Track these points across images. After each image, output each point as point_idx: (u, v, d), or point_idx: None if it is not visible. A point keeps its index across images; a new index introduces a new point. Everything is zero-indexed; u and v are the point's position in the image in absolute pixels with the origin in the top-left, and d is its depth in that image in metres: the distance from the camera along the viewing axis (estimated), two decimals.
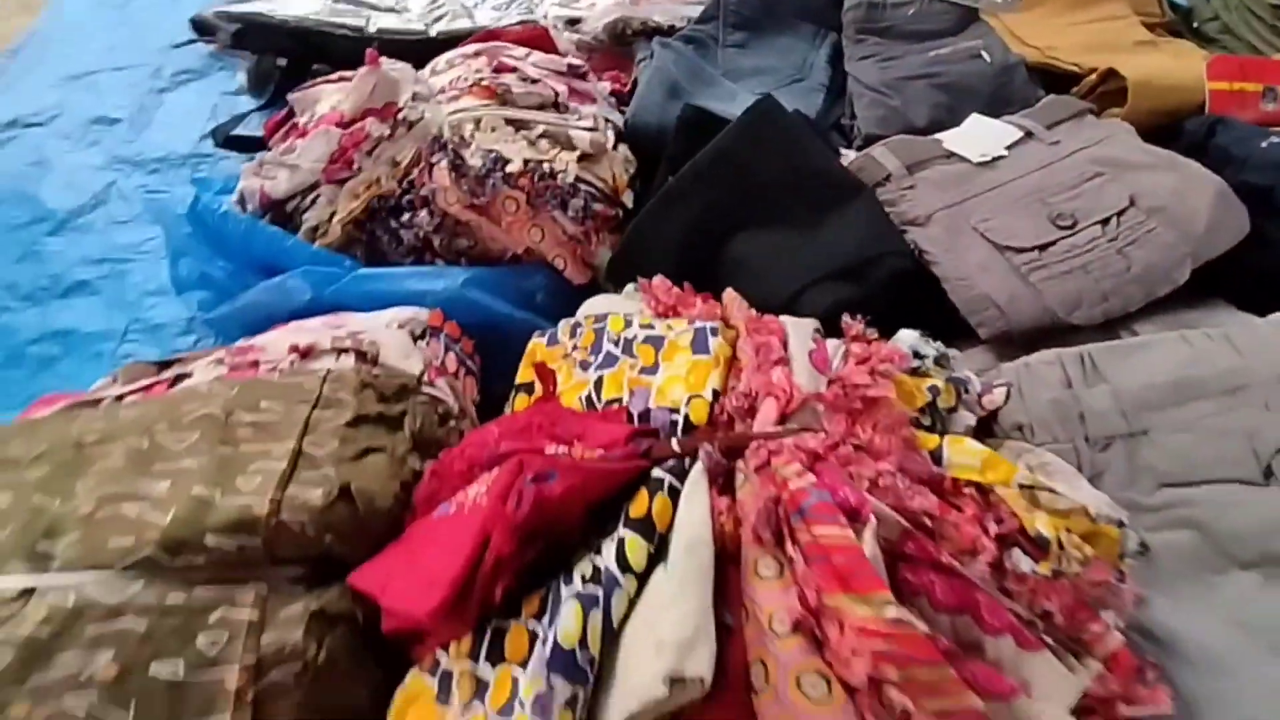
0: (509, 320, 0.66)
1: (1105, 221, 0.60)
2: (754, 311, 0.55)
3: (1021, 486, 0.41)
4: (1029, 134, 0.69)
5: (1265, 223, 0.61)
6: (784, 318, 0.54)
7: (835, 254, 0.60)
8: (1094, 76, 0.78)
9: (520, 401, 0.58)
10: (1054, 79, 0.81)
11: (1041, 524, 0.40)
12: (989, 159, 0.67)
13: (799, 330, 0.53)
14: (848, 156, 0.72)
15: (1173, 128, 0.73)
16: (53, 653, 0.39)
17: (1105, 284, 0.57)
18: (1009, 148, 0.68)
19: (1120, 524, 0.41)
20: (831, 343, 0.54)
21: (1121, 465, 0.51)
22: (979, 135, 0.70)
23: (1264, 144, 0.64)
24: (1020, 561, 0.39)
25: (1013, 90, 0.78)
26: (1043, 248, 0.60)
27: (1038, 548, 0.40)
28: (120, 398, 0.56)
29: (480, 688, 0.42)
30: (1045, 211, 0.62)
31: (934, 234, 0.63)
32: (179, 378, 0.58)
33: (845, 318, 0.55)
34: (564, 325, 0.61)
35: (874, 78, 0.81)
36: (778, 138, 0.66)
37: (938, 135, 0.73)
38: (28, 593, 0.42)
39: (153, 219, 0.70)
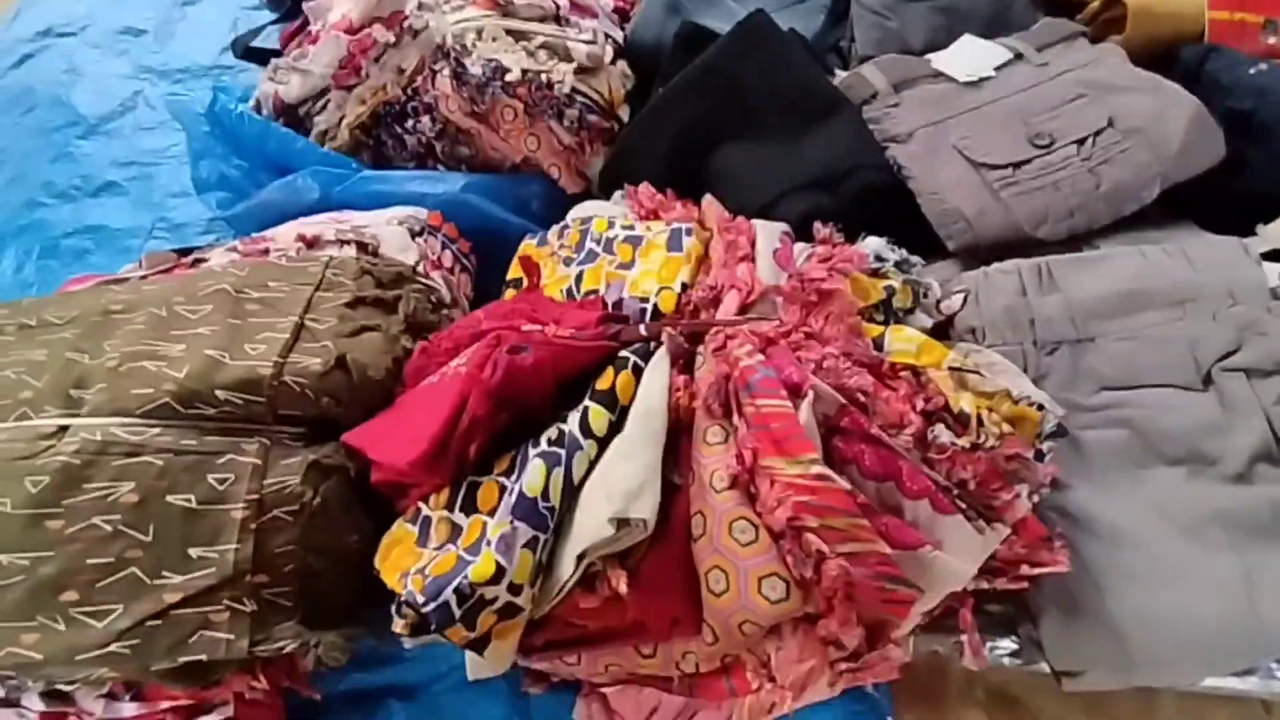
0: (505, 224, 0.70)
1: (1081, 141, 0.62)
2: (726, 214, 0.58)
3: (951, 369, 0.45)
4: (1019, 55, 0.70)
5: (1245, 147, 0.62)
6: (755, 220, 0.57)
7: (812, 165, 0.63)
8: (1096, 3, 0.77)
9: (510, 295, 0.62)
10: (1058, 4, 0.80)
11: (965, 402, 0.43)
12: (975, 79, 0.68)
13: (767, 231, 0.56)
14: (839, 77, 0.73)
15: (1171, 55, 0.73)
16: (83, 479, 0.45)
17: (1073, 200, 0.59)
18: (997, 69, 0.69)
19: (1040, 407, 0.44)
20: (799, 245, 0.57)
21: (1065, 368, 0.53)
22: (968, 56, 0.71)
23: (1252, 70, 0.64)
24: (942, 435, 0.43)
25: (1012, 14, 0.77)
26: (1017, 165, 0.61)
27: (960, 424, 0.43)
28: (144, 278, 0.62)
29: (454, 532, 0.47)
30: (1025, 131, 0.63)
31: (913, 150, 0.65)
32: (197, 262, 0.63)
33: (816, 224, 0.58)
34: (554, 228, 0.64)
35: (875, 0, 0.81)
36: (766, 53, 0.67)
37: (928, 55, 0.74)
38: (62, 430, 0.47)
39: (174, 118, 0.74)
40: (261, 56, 0.92)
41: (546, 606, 0.46)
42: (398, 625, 0.47)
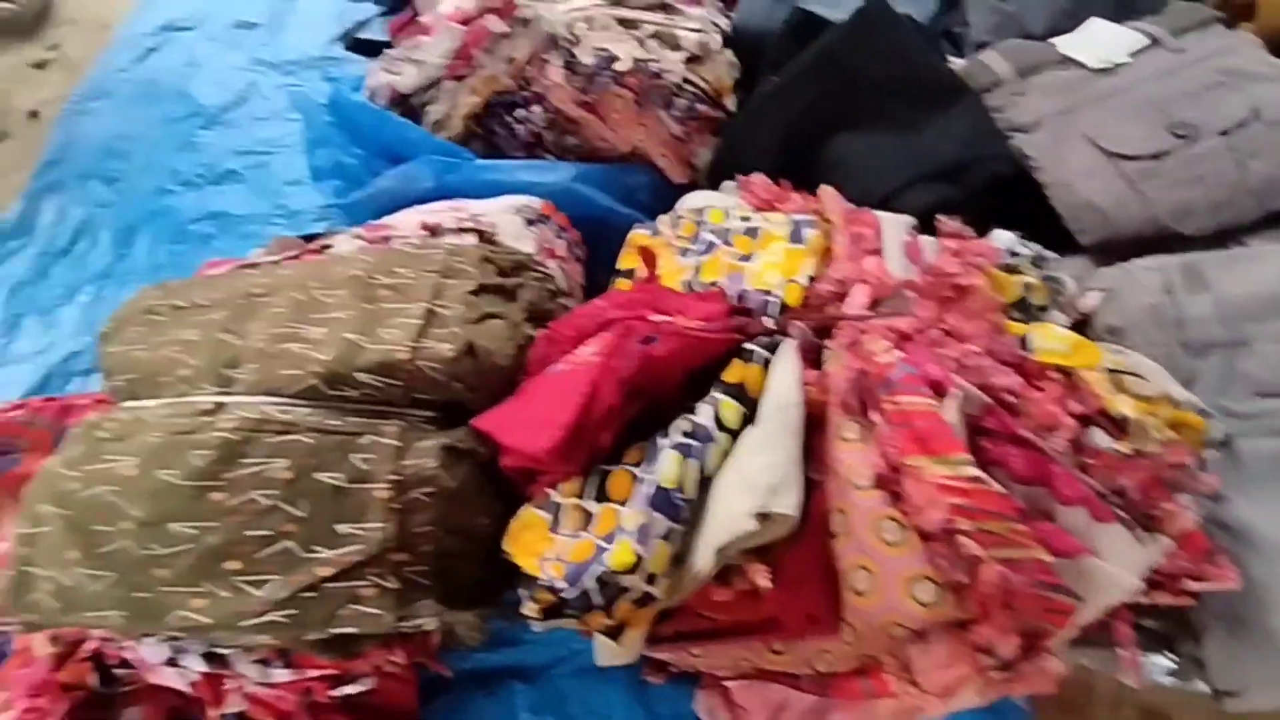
0: (612, 214, 0.70)
1: (1225, 132, 0.58)
2: (850, 206, 0.57)
3: (1108, 371, 0.43)
4: (1154, 41, 0.66)
5: None
6: (879, 213, 0.56)
7: (934, 155, 0.61)
8: None
9: (622, 285, 0.62)
10: None
11: (1123, 406, 0.42)
12: (1109, 65, 0.65)
13: (893, 224, 0.55)
14: (957, 64, 0.71)
15: None
16: (242, 455, 0.48)
17: (1219, 194, 0.56)
18: (1132, 55, 0.66)
19: (1204, 414, 0.42)
20: (926, 239, 0.55)
21: (1217, 373, 0.51)
22: (1099, 41, 0.67)
23: None
24: (1098, 439, 0.41)
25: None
26: (1156, 156, 0.59)
27: (1118, 428, 0.42)
28: (276, 263, 0.64)
29: (586, 519, 0.47)
30: (1162, 120, 0.60)
31: (1040, 140, 0.63)
32: (324, 248, 0.65)
33: (940, 216, 0.56)
34: (664, 218, 0.64)
35: None
36: (884, 40, 0.66)
37: (1053, 40, 0.71)
38: (219, 406, 0.50)
39: (295, 108, 0.77)
40: (368, 48, 0.95)
41: (678, 597, 0.46)
42: (529, 608, 0.48)
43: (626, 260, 0.64)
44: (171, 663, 0.50)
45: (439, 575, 0.50)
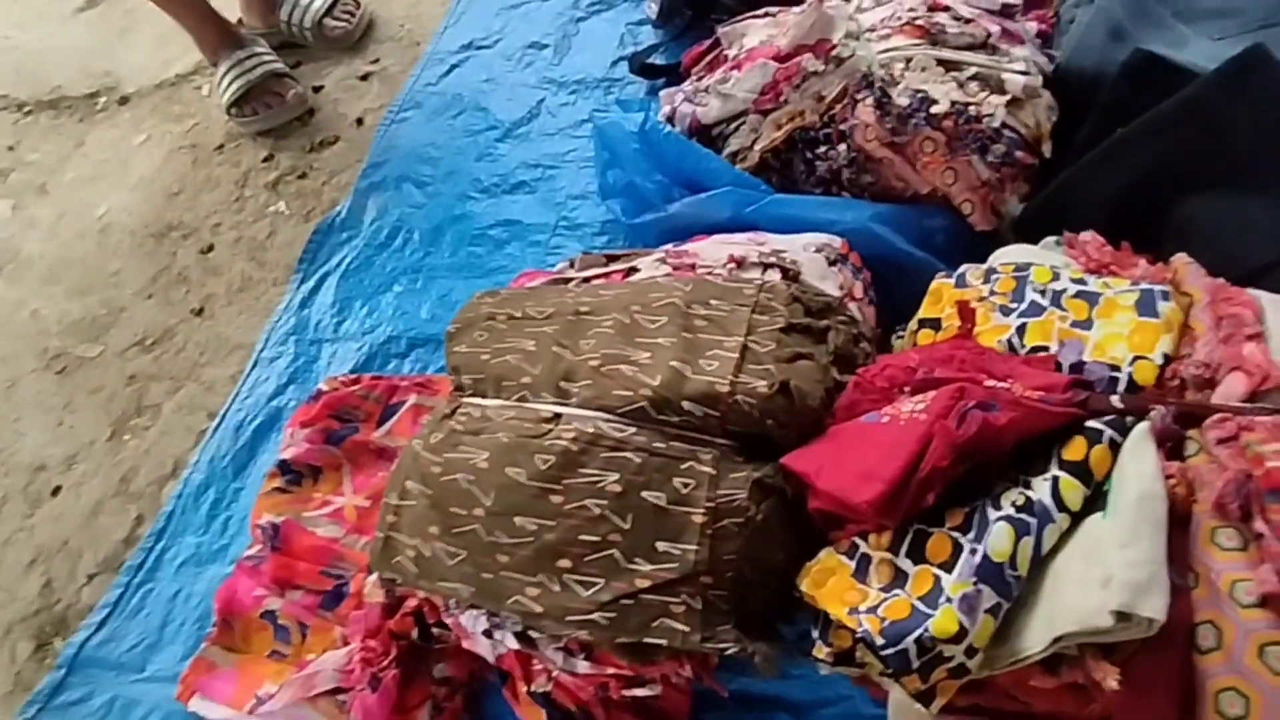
0: (907, 257, 0.69)
1: None
2: (1219, 280, 0.52)
3: None
4: None
5: None
6: (1256, 292, 0.51)
7: None
8: None
9: (924, 336, 0.61)
10: None
11: None
12: None
13: (1277, 307, 0.49)
14: None
15: None
16: (579, 464, 0.52)
17: None
18: None
19: None
20: None
21: None
22: None
23: None
24: None
25: None
26: None
27: None
28: (587, 280, 0.70)
29: (898, 576, 0.47)
30: None
31: None
32: (630, 270, 0.69)
33: None
34: (974, 269, 0.62)
35: None
36: (1264, 93, 0.59)
37: None
38: (557, 417, 0.55)
39: (598, 133, 0.83)
40: (653, 71, 1.00)
41: (987, 672, 0.45)
42: (822, 651, 0.49)
43: (930, 309, 0.62)
44: (487, 634, 0.56)
45: (736, 602, 0.52)
